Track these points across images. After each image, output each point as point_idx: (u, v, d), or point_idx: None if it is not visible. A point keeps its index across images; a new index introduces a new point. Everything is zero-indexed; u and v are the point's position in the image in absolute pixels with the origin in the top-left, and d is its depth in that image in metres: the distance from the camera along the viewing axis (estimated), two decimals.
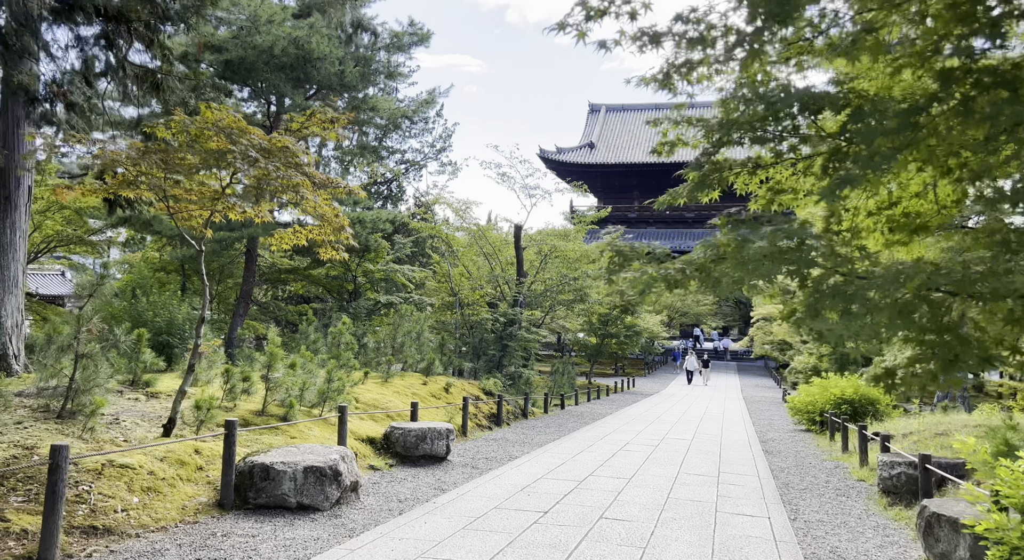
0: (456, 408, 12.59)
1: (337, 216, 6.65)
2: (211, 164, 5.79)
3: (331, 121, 6.55)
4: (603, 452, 11.12)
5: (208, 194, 6.41)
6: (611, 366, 40.78)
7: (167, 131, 5.82)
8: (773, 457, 11.78)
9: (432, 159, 28.32)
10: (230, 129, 5.67)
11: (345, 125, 6.64)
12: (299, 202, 6.26)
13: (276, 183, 5.91)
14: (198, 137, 5.76)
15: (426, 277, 22.82)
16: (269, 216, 6.70)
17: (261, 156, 5.70)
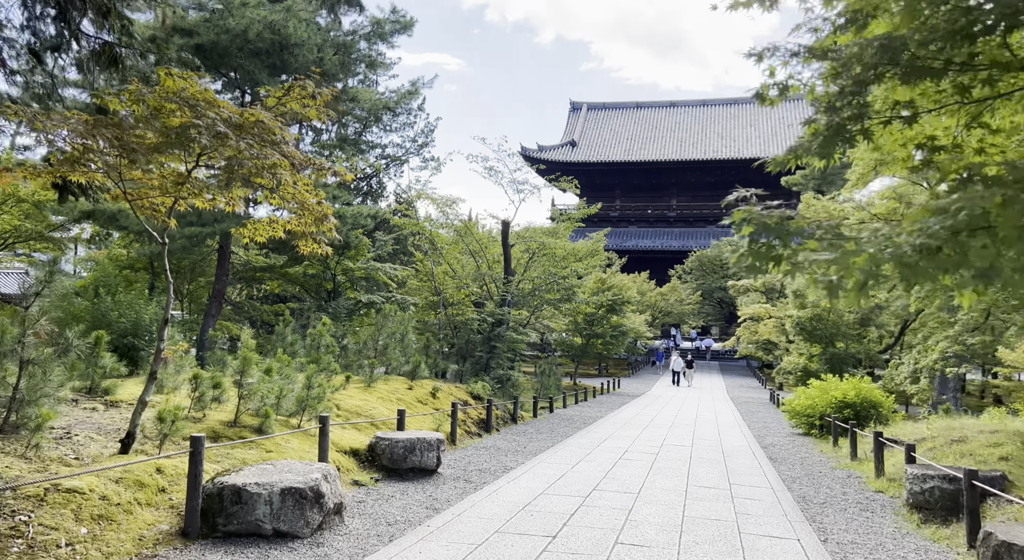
0: (444, 414, 11.84)
1: (319, 203, 5.84)
2: (173, 142, 4.98)
3: (312, 96, 5.76)
4: (603, 462, 10.43)
5: (171, 178, 5.59)
6: (595, 366, 40.24)
7: (121, 103, 4.99)
8: (780, 465, 11.18)
9: (414, 154, 27.43)
10: (195, 101, 4.86)
11: (328, 101, 5.86)
12: (276, 187, 5.46)
13: (249, 164, 5.11)
14: (158, 111, 4.95)
15: (408, 276, 21.99)
16: (242, 205, 5.90)
17: (231, 132, 4.90)
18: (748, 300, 39.51)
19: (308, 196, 5.76)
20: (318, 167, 5.77)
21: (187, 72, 5.01)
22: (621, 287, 32.12)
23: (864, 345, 25.11)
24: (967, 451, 9.63)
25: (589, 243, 24.74)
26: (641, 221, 65.30)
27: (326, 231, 5.97)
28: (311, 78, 6.72)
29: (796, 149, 3.82)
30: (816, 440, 14.72)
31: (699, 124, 67.82)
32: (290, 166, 5.47)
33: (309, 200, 5.76)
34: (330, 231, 5.97)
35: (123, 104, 5.03)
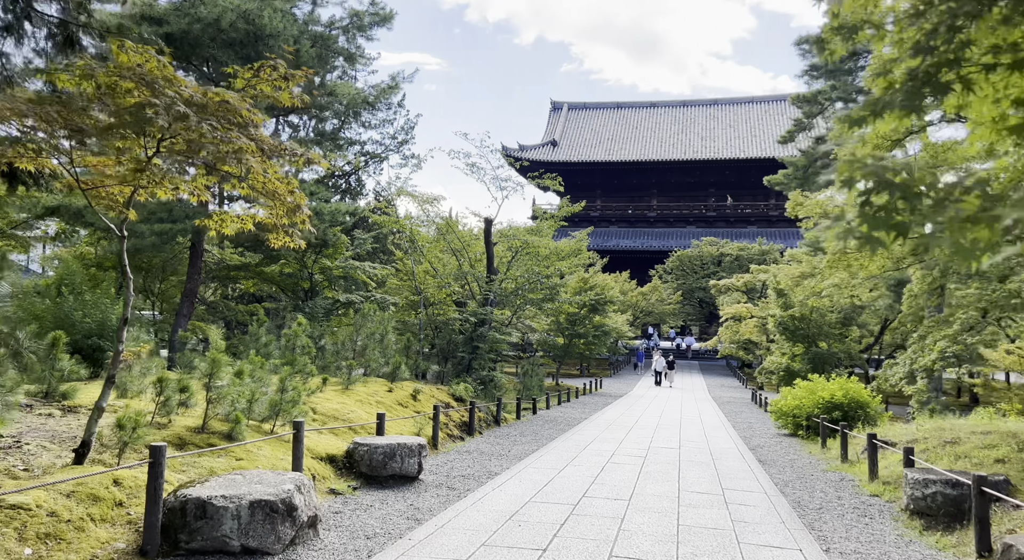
0: (426, 417, 11.41)
1: (292, 193, 5.39)
2: (127, 124, 4.51)
3: (284, 78, 5.32)
4: (590, 466, 10.08)
5: (129, 165, 5.12)
6: (576, 367, 39.98)
7: (70, 80, 4.51)
8: (770, 468, 10.92)
9: (393, 152, 26.88)
10: (152, 78, 4.40)
11: (301, 83, 5.42)
12: (245, 176, 5.02)
13: (212, 148, 4.65)
14: (112, 89, 4.48)
15: (388, 275, 21.50)
16: (208, 195, 5.44)
17: (192, 113, 4.45)
18: (729, 300, 39.52)
19: (280, 185, 5.31)
20: (290, 153, 5.33)
21: (143, 46, 4.56)
22: (603, 287, 31.88)
23: (846, 345, 25.08)
24: (961, 453, 9.42)
25: (572, 242, 24.44)
26: (622, 221, 65.26)
27: (299, 223, 5.54)
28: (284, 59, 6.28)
29: (875, 103, 3.26)
30: (803, 441, 14.52)
31: (679, 125, 67.96)
32: (259, 152, 5.03)
33: (281, 190, 5.31)
34: (303, 223, 5.53)
35: (71, 81, 4.56)
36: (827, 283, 11.93)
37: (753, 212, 62.64)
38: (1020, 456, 8.74)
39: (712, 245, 51.12)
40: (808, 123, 29.38)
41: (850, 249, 10.26)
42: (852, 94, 23.20)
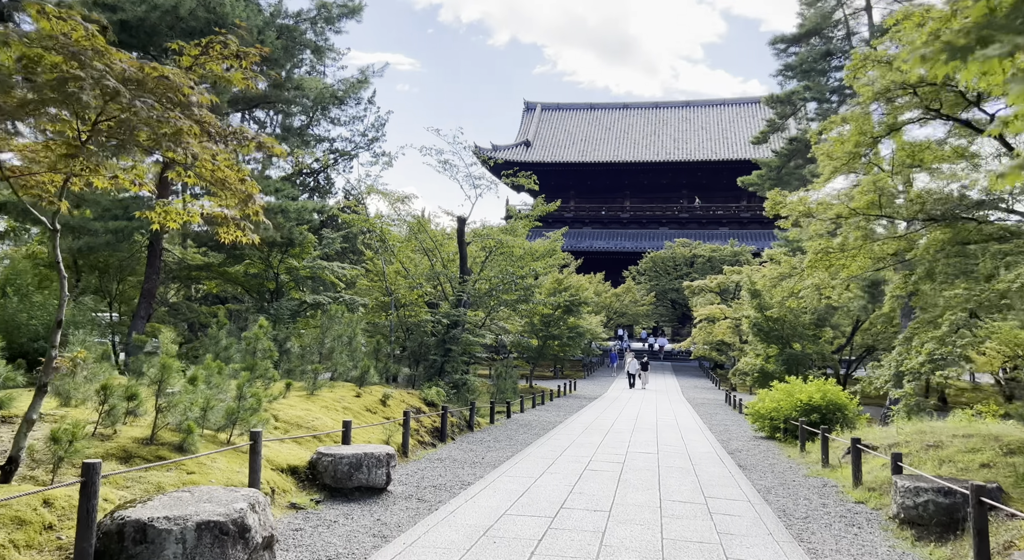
0: (396, 423, 10.92)
1: (243, 181, 4.88)
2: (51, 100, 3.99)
3: (236, 56, 4.80)
4: (568, 474, 9.69)
5: (59, 150, 4.57)
6: (550, 368, 39.65)
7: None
8: (751, 473, 10.63)
9: (364, 149, 26.36)
10: (80, 48, 3.87)
11: (258, 61, 4.91)
12: (191, 164, 4.49)
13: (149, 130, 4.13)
14: (34, 61, 3.94)
15: (358, 275, 20.90)
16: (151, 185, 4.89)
17: (127, 89, 3.94)
18: (702, 301, 39.53)
19: (230, 173, 4.79)
20: (239, 137, 4.81)
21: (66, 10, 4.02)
22: (578, 287, 31.60)
23: (819, 346, 25.10)
24: (945, 457, 9.22)
25: (547, 242, 24.09)
26: (595, 222, 65.20)
27: (252, 215, 5.03)
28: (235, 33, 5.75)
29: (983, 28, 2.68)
30: (781, 444, 14.31)
31: (652, 126, 68.16)
32: (205, 135, 4.51)
33: (231, 178, 4.79)
34: (256, 215, 5.02)
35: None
36: (807, 283, 11.72)
37: (725, 214, 63.01)
38: (1006, 461, 8.56)
39: (685, 246, 51.24)
40: (781, 124, 29.44)
41: (832, 248, 10.04)
42: (826, 94, 23.22)
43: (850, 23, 23.24)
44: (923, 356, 9.13)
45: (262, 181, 15.64)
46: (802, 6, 25.64)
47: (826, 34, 23.71)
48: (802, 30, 23.70)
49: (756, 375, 25.22)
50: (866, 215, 9.08)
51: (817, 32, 23.66)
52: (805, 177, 23.01)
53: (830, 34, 23.65)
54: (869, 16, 22.13)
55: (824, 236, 9.84)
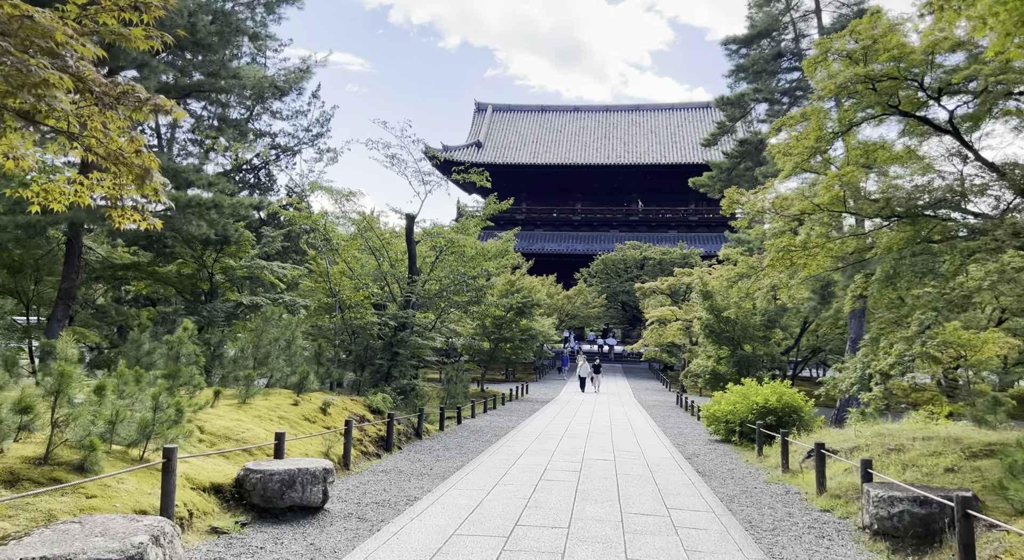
0: (337, 433, 10.13)
1: (139, 153, 4.08)
2: None
3: (135, 7, 4.00)
4: (522, 485, 9.08)
5: None
6: (502, 372, 39.08)
7: None
8: (711, 480, 10.23)
9: (307, 145, 25.25)
10: None
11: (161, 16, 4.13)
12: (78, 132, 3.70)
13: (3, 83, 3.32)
14: None
15: (300, 276, 19.90)
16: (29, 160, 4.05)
17: None
18: (653, 302, 39.59)
19: (123, 143, 4.01)
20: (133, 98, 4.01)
21: None
22: (531, 289, 31.12)
23: (769, 347, 25.21)
24: (908, 462, 8.97)
25: (499, 242, 23.50)
26: (547, 224, 65.03)
27: (149, 194, 4.25)
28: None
29: None
30: (738, 448, 14.04)
31: (603, 129, 68.43)
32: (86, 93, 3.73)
33: (125, 149, 4.00)
34: (156, 193, 4.24)
35: None
36: (765, 283, 11.44)
37: (674, 217, 63.65)
38: (971, 465, 8.34)
39: (635, 249, 51.44)
40: (731, 127, 29.59)
41: (794, 246, 9.73)
42: (776, 96, 23.33)
43: (800, 26, 23.45)
44: (892, 357, 8.89)
45: (194, 174, 14.59)
46: (751, 10, 25.78)
47: (776, 36, 23.85)
48: (753, 31, 23.77)
49: (708, 377, 25.17)
50: (830, 211, 8.80)
51: (767, 34, 23.77)
52: (756, 178, 23.04)
53: (780, 37, 23.80)
54: (819, 19, 22.34)
55: (787, 233, 9.55)
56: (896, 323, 9.54)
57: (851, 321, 21.69)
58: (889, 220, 8.83)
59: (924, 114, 10.29)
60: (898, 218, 8.61)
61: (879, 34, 9.63)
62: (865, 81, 9.38)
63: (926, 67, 9.21)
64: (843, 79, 9.23)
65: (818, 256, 9.81)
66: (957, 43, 8.98)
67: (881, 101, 9.81)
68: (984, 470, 8.03)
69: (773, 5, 24.97)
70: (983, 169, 10.13)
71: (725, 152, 29.14)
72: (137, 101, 3.92)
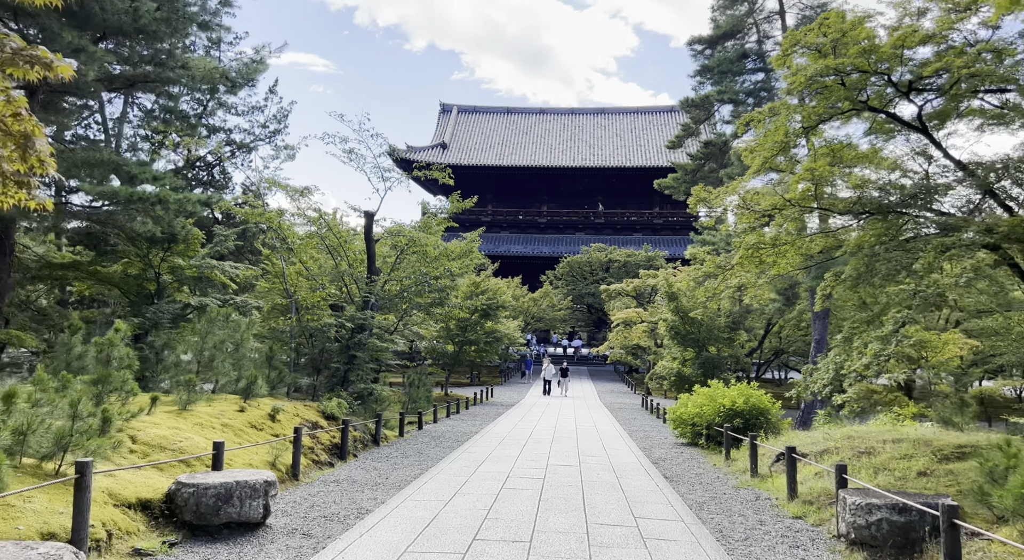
0: (286, 442, 9.51)
1: (18, 116, 3.48)
2: None
3: None
4: (483, 494, 8.60)
5: None
6: (466, 375, 38.52)
7: None
8: (679, 486, 9.88)
9: (264, 142, 24.46)
10: None
11: None
12: None
13: None
14: None
15: (255, 276, 19.11)
16: None
17: None
18: (619, 304, 39.48)
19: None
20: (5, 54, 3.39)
21: None
22: (496, 291, 30.65)
23: (734, 349, 25.16)
24: (880, 465, 8.73)
25: (463, 243, 22.94)
26: (513, 227, 64.68)
27: (36, 167, 3.66)
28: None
29: None
30: (704, 451, 13.75)
31: (568, 132, 68.40)
32: None
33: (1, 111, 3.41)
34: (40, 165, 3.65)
35: None
36: (733, 282, 11.17)
37: (639, 220, 63.89)
38: (943, 468, 8.12)
39: (601, 251, 51.38)
40: (696, 128, 29.59)
41: (764, 244, 9.44)
42: (741, 96, 23.30)
43: (764, 27, 23.49)
44: (868, 357, 8.65)
45: (138, 168, 13.78)
46: (714, 12, 25.78)
47: (741, 37, 23.86)
48: (718, 32, 23.73)
49: (673, 379, 25.00)
50: (801, 207, 8.54)
51: (732, 35, 23.76)
52: (720, 179, 22.96)
53: (745, 37, 23.82)
54: (783, 20, 22.38)
55: (756, 229, 9.27)
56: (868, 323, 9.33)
57: (815, 322, 21.72)
58: (860, 217, 8.61)
59: (894, 111, 10.13)
60: (869, 214, 8.39)
61: (848, 27, 9.43)
62: (835, 74, 9.16)
63: (896, 61, 9.02)
64: (813, 71, 8.99)
65: (787, 254, 9.55)
66: (927, 36, 8.80)
67: (850, 96, 9.60)
68: (958, 474, 7.81)
69: (737, 7, 24.98)
70: (947, 169, 10.00)
71: (690, 154, 29.14)
72: (15, 54, 3.33)
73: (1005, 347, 20.38)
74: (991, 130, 10.41)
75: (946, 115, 9.74)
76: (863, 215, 8.52)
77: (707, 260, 12.14)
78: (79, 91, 15.38)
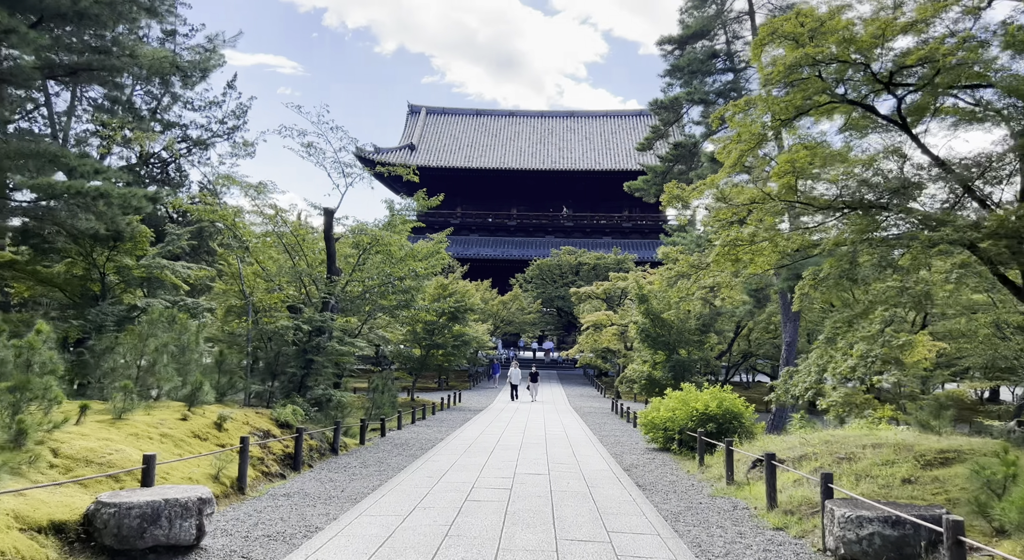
0: (231, 453, 8.79)
1: None
2: None
3: None
4: (445, 507, 8.00)
5: None
6: (434, 380, 37.79)
7: None
8: (652, 494, 9.40)
9: (222, 138, 23.54)
10: None
11: None
12: None
13: None
14: None
15: (208, 277, 18.22)
16: None
17: None
18: (589, 307, 39.16)
19: None
20: None
21: None
22: (464, 293, 30.02)
23: (704, 352, 24.90)
24: (862, 472, 8.34)
25: (431, 244, 22.30)
26: (482, 229, 64.12)
27: None
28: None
29: None
30: (677, 457, 13.33)
31: (538, 135, 68.12)
32: None
33: None
34: None
35: None
36: (707, 281, 10.78)
37: (608, 224, 63.84)
38: (928, 475, 7.75)
39: (571, 254, 51.09)
40: (665, 130, 29.40)
41: (742, 240, 9.03)
42: (711, 96, 23.09)
43: (734, 27, 23.32)
44: (854, 359, 8.27)
45: (78, 160, 12.88)
46: (683, 15, 25.58)
47: (710, 37, 23.68)
48: (687, 31, 23.50)
49: (643, 382, 24.65)
50: (782, 201, 8.15)
51: (702, 35, 23.56)
52: (691, 180, 22.67)
53: (714, 36, 23.64)
54: (752, 20, 22.22)
55: (734, 224, 8.86)
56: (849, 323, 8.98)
57: (785, 325, 21.54)
58: (840, 212, 8.24)
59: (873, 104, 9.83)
60: (850, 210, 8.02)
61: (826, 16, 9.09)
62: (813, 64, 8.80)
63: (875, 52, 8.69)
64: (792, 60, 8.62)
65: (765, 252, 9.15)
66: (908, 25, 8.49)
67: (828, 88, 9.27)
68: (944, 481, 7.45)
69: (706, 9, 24.82)
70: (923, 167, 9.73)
71: (660, 156, 28.93)
72: None
73: (971, 349, 20.42)
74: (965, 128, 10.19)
75: (924, 109, 9.45)
76: (843, 210, 8.16)
77: (680, 259, 11.73)
78: (16, 79, 14.44)
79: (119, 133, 17.57)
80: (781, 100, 9.68)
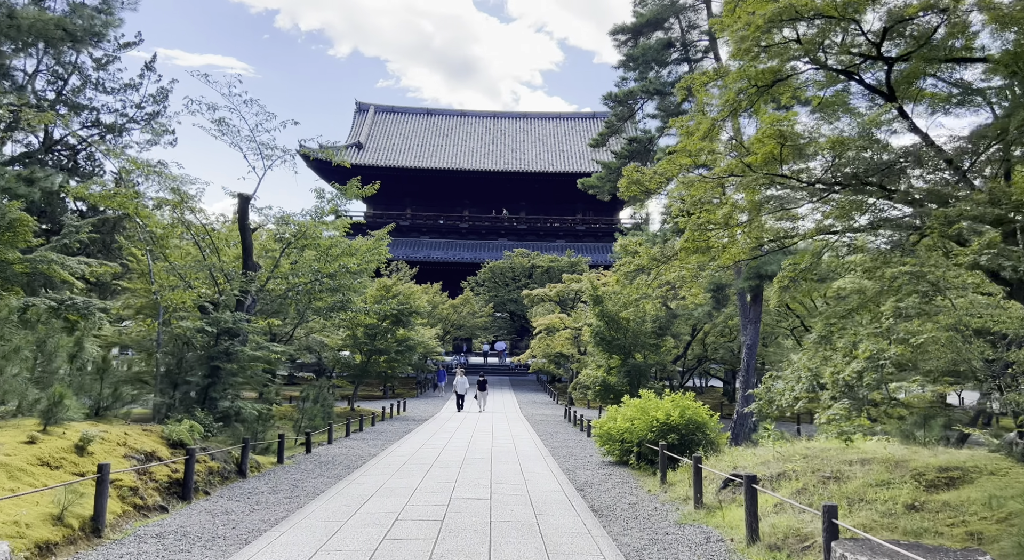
0: (89, 484, 7.03)
1: None
2: None
3: None
4: (356, 547, 6.41)
5: None
6: (379, 387, 35.91)
7: None
8: (611, 523, 7.98)
9: (140, 124, 21.36)
10: None
11: None
12: None
13: None
14: None
15: (113, 273, 16.16)
16: None
17: None
18: (542, 310, 37.86)
19: None
20: None
21: None
22: (409, 295, 28.30)
23: (660, 356, 23.79)
24: (854, 495, 7.08)
25: (371, 241, 20.55)
26: (433, 232, 62.36)
27: None
28: None
29: None
30: (636, 472, 11.99)
31: (490, 135, 66.76)
32: None
33: None
34: None
35: None
36: (671, 276, 9.50)
37: (562, 226, 62.88)
38: (935, 499, 6.53)
39: (524, 257, 49.79)
40: (619, 125, 28.36)
41: (714, 223, 7.72)
42: (667, 88, 22.04)
43: (689, 16, 22.37)
44: (861, 361, 7.01)
45: None
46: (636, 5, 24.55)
47: (666, 26, 22.69)
48: (641, 20, 22.44)
49: (598, 388, 23.35)
50: (767, 174, 6.88)
51: (657, 25, 22.55)
52: None
53: (669, 25, 22.65)
54: (708, 8, 21.32)
55: (708, 203, 7.56)
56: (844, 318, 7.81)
57: (745, 327, 20.56)
58: (830, 188, 7.03)
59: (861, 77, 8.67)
60: (843, 186, 6.81)
61: None
62: (793, 19, 7.56)
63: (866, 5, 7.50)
64: (771, 14, 7.35)
65: (740, 239, 7.88)
66: None
67: (810, 50, 8.05)
68: (956, 507, 6.23)
69: None
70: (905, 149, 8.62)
71: (614, 152, 27.87)
72: None
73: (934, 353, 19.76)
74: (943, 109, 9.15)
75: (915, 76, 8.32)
76: (833, 187, 6.95)
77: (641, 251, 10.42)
78: None
79: (6, 108, 15.37)
80: (754, 69, 8.44)
